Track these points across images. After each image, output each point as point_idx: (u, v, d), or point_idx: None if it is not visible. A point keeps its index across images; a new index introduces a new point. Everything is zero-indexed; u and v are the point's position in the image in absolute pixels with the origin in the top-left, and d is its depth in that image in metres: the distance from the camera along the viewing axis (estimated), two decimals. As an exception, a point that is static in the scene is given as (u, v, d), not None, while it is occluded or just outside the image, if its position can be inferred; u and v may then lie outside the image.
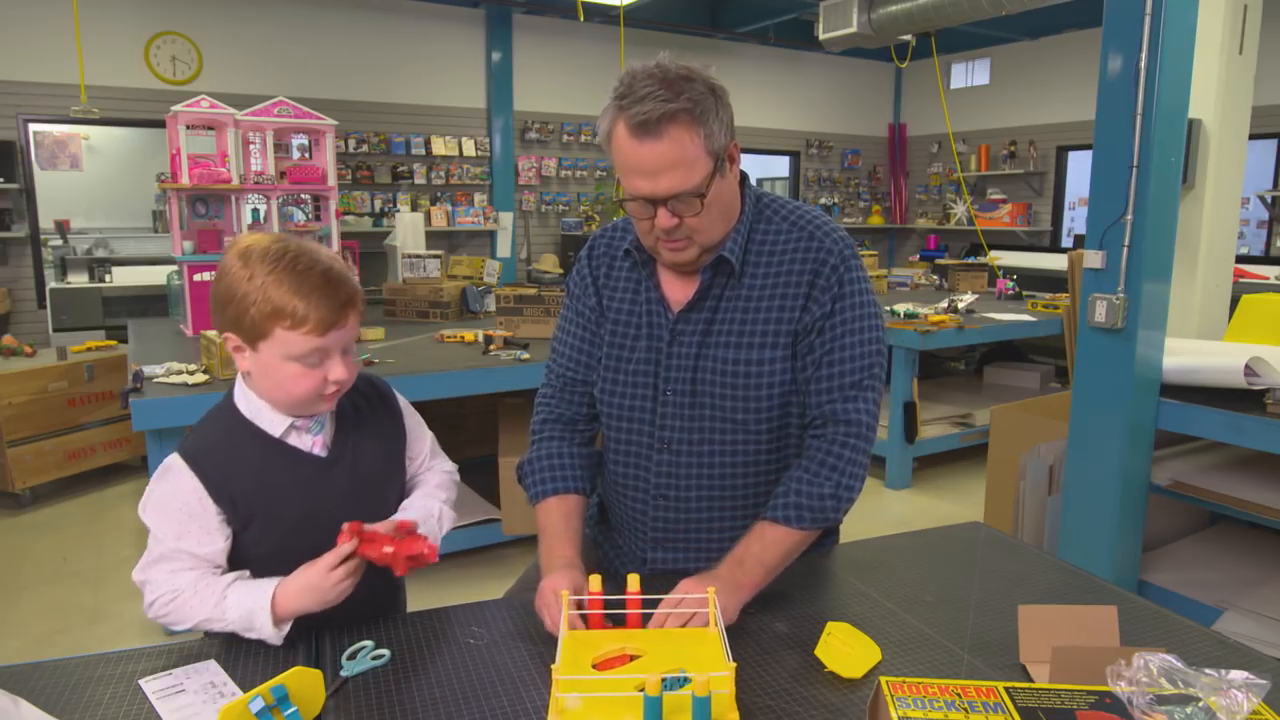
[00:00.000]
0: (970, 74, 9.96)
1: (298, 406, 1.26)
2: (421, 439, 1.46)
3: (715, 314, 1.43)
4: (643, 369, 1.46)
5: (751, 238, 1.44)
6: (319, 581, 1.19)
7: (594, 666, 1.10)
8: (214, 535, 1.24)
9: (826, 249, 1.41)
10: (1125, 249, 2.64)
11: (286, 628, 1.21)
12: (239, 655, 1.22)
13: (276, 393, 1.25)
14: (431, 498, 1.41)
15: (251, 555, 1.28)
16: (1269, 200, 7.39)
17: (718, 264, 1.41)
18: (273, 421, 1.27)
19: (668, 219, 1.32)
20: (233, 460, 1.25)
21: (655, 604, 1.23)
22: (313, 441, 1.30)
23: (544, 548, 1.40)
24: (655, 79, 1.27)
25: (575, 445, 1.54)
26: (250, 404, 1.28)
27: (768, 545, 1.35)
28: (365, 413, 1.37)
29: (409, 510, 1.37)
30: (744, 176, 1.47)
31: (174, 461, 1.24)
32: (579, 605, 1.22)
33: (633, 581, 1.23)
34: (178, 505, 1.23)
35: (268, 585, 1.20)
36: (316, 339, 1.19)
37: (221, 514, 1.24)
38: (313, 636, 1.27)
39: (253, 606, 1.18)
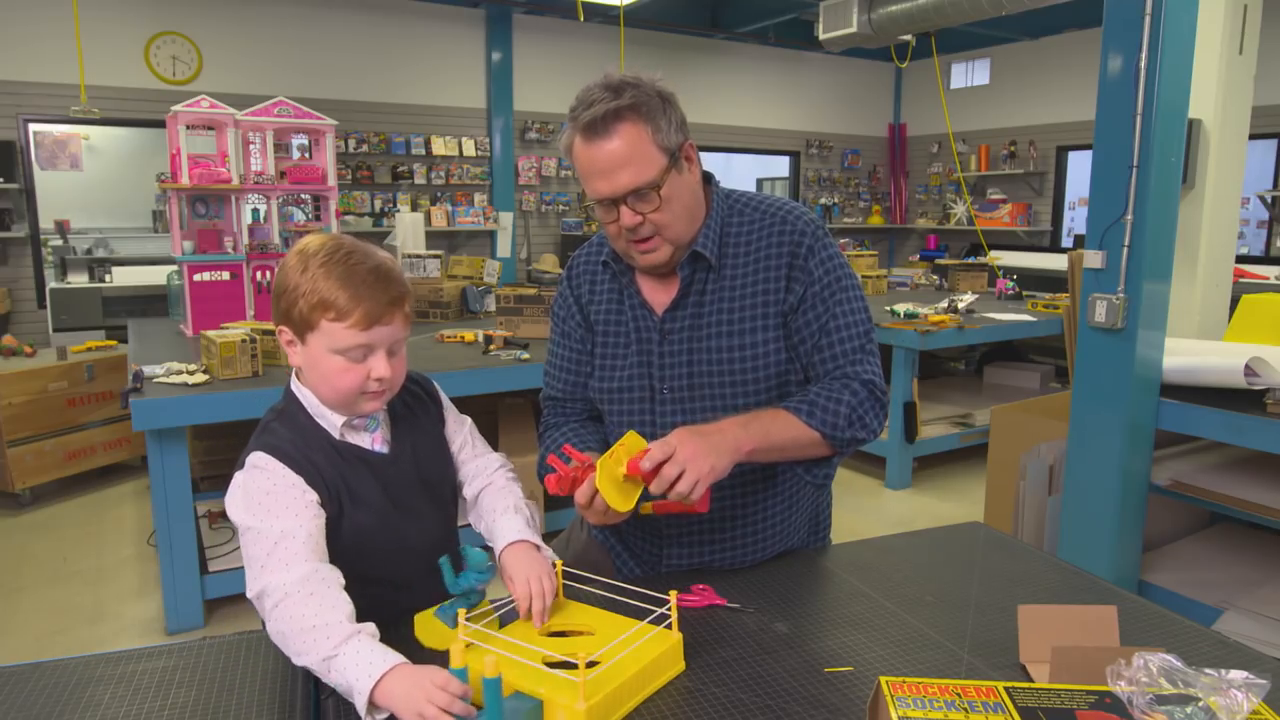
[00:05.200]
0: (970, 74, 9.96)
1: (343, 403, 1.26)
2: (459, 424, 1.47)
3: (701, 308, 1.47)
4: (636, 373, 1.50)
5: (725, 232, 1.48)
6: (421, 695, 1.00)
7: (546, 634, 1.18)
8: (314, 514, 1.20)
9: (800, 230, 1.46)
10: (1125, 249, 2.64)
11: (382, 715, 1.04)
12: (241, 655, 1.22)
13: (323, 387, 1.26)
14: (512, 495, 1.40)
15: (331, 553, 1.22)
16: (1269, 200, 7.39)
17: (695, 260, 1.45)
18: (333, 420, 1.28)
19: (630, 217, 1.37)
20: (314, 454, 1.25)
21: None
22: (372, 439, 1.31)
23: None
24: (600, 86, 1.34)
25: (579, 423, 1.60)
26: (310, 402, 1.28)
27: (777, 421, 1.39)
28: (416, 410, 1.39)
29: (496, 511, 1.36)
30: (709, 176, 1.52)
31: (260, 459, 1.22)
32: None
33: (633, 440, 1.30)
34: (278, 490, 1.20)
35: (381, 664, 1.04)
36: (360, 333, 1.20)
37: (319, 499, 1.22)
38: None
39: (355, 688, 1.03)
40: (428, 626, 1.23)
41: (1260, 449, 2.60)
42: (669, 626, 1.17)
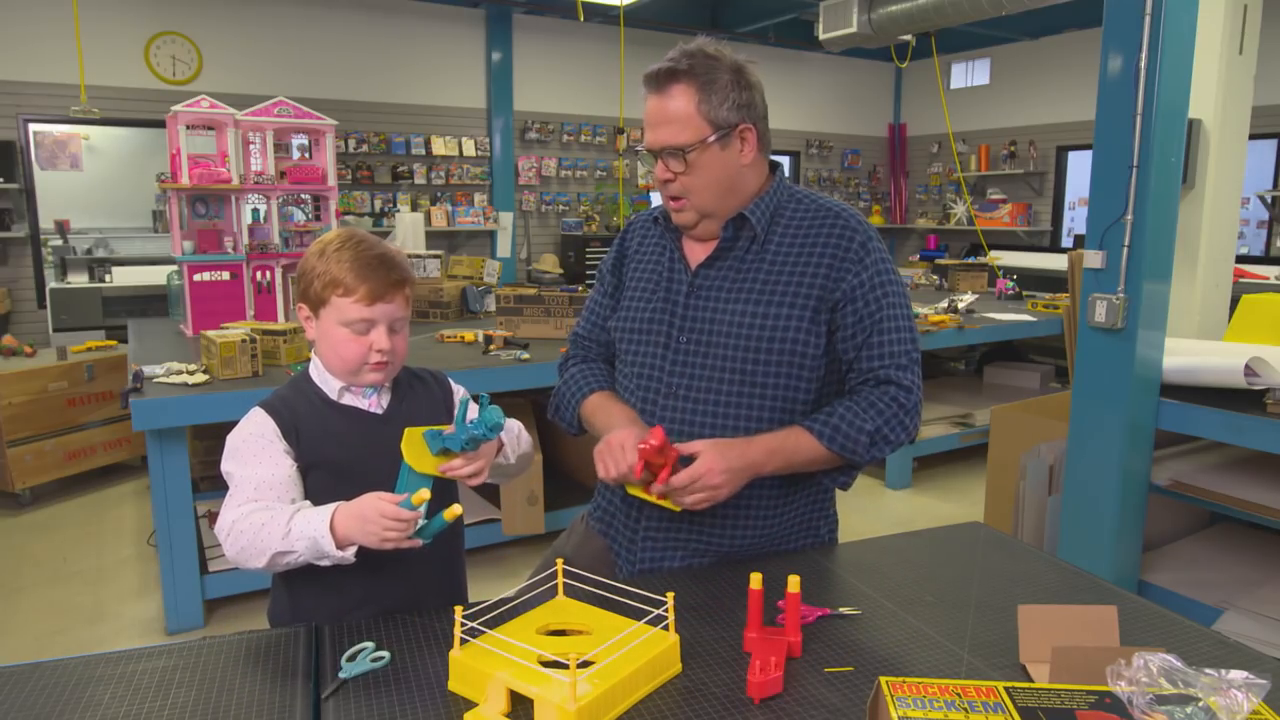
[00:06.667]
0: (970, 74, 9.96)
1: (348, 372, 1.40)
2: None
3: (738, 272, 1.52)
4: (657, 318, 1.56)
5: (778, 213, 1.54)
6: (369, 513, 1.23)
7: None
8: (280, 463, 1.35)
9: (851, 228, 1.51)
10: (1125, 249, 2.64)
11: (354, 548, 1.26)
12: (241, 655, 1.23)
13: (331, 356, 1.41)
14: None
15: (314, 503, 1.36)
16: (1269, 200, 7.39)
17: (739, 223, 1.51)
18: (333, 384, 1.43)
19: (663, 171, 1.49)
20: (301, 409, 1.41)
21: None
22: (369, 402, 1.45)
23: (601, 421, 1.59)
24: (681, 49, 1.45)
25: (598, 363, 1.73)
26: (319, 372, 1.45)
27: (793, 443, 1.46)
28: (419, 390, 1.53)
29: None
30: (777, 166, 1.60)
31: (253, 411, 1.40)
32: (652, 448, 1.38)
33: None
34: (252, 438, 1.36)
35: (327, 511, 1.27)
36: (364, 308, 1.37)
37: (289, 450, 1.37)
38: (313, 632, 1.27)
39: (315, 534, 1.25)
40: (412, 441, 1.30)
41: (1260, 449, 2.60)
42: (667, 628, 1.17)
